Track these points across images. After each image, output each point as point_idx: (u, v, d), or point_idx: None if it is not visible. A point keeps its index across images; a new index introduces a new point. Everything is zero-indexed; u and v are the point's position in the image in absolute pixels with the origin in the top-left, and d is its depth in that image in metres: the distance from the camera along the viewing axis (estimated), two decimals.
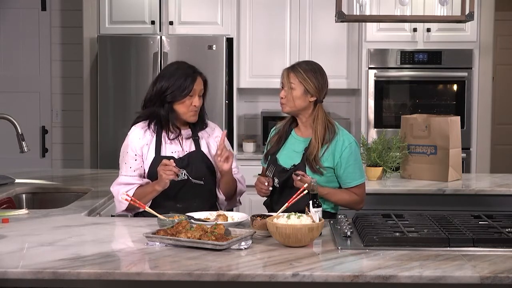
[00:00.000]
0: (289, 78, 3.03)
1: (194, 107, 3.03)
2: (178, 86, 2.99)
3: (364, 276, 2.12)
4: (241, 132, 5.87)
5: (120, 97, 5.31)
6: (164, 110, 3.03)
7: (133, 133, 3.08)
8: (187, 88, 2.99)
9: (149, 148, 3.05)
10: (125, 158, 3.07)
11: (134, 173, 3.04)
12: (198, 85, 3.03)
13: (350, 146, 3.03)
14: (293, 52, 5.49)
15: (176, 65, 3.09)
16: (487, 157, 5.46)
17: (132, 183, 3.02)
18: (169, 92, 2.99)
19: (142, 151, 3.05)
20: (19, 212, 3.02)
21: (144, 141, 3.05)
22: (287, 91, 3.03)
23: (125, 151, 3.08)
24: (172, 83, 3.00)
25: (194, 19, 5.43)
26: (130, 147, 3.06)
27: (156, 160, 3.02)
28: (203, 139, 3.13)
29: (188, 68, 3.06)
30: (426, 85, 5.41)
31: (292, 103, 3.03)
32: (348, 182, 3.04)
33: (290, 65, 3.11)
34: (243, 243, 2.41)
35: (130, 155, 3.05)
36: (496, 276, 2.11)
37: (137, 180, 3.03)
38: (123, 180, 3.05)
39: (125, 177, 3.05)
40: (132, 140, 3.06)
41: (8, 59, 6.02)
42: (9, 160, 5.47)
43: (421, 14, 5.02)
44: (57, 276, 2.13)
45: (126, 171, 3.05)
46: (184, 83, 2.99)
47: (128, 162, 3.05)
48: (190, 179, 2.99)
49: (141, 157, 3.05)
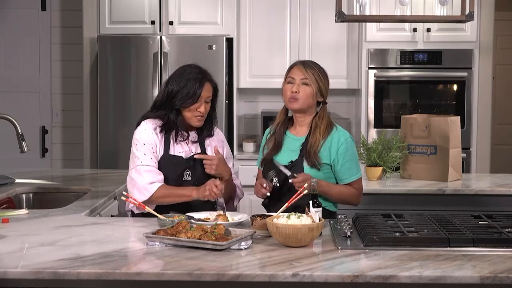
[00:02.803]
0: (305, 74, 2.99)
1: (199, 113, 3.03)
2: (186, 92, 2.99)
3: (364, 276, 2.12)
4: (241, 132, 5.86)
5: (120, 97, 5.31)
6: (173, 115, 3.03)
7: (144, 128, 3.06)
8: (194, 95, 2.99)
9: (159, 145, 3.05)
10: (143, 149, 3.01)
11: (154, 164, 3.02)
12: (206, 92, 3.03)
13: (346, 142, 3.03)
14: (293, 52, 5.49)
15: (188, 69, 3.07)
16: (487, 157, 5.46)
17: (155, 172, 2.99)
18: (178, 98, 3.00)
19: (156, 144, 3.04)
20: (19, 212, 3.02)
21: (155, 136, 3.05)
22: (301, 86, 3.00)
23: (141, 143, 3.03)
24: (181, 88, 3.00)
25: (194, 19, 5.43)
26: (145, 140, 3.03)
27: (165, 158, 3.03)
28: (208, 143, 3.15)
29: (199, 73, 3.05)
30: (426, 85, 5.41)
31: (305, 99, 3.00)
32: (346, 178, 3.04)
33: (300, 61, 3.07)
34: (243, 243, 2.41)
35: (147, 147, 3.02)
36: (496, 276, 2.11)
37: (157, 170, 3.00)
38: (145, 169, 2.98)
39: (145, 166, 2.99)
40: (145, 133, 3.04)
41: (8, 59, 6.02)
42: (9, 160, 5.46)
43: (421, 14, 5.01)
44: (57, 276, 2.13)
45: (146, 161, 3.00)
46: (192, 89, 2.99)
47: (147, 153, 3.01)
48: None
49: (156, 150, 3.04)
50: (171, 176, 3.03)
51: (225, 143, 3.25)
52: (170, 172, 3.03)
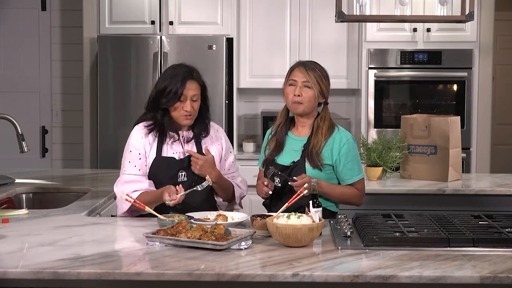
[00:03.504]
0: (307, 77, 2.99)
1: (186, 112, 2.98)
2: (169, 91, 2.96)
3: (364, 276, 2.12)
4: (241, 132, 5.86)
5: (120, 97, 5.31)
6: (160, 115, 3.02)
7: (136, 132, 3.06)
8: (176, 93, 2.95)
9: (151, 148, 3.04)
10: (128, 157, 3.04)
11: (139, 172, 3.02)
12: (190, 90, 2.98)
13: (348, 143, 3.03)
14: (293, 52, 5.49)
15: (174, 69, 3.04)
16: (487, 157, 5.46)
17: (137, 181, 2.99)
18: (164, 96, 2.97)
19: (145, 150, 3.04)
20: (19, 212, 3.02)
21: (146, 140, 3.04)
22: (303, 89, 3.00)
23: (128, 149, 3.05)
24: (166, 87, 2.97)
25: (194, 19, 5.43)
26: (133, 146, 3.04)
27: (157, 160, 3.02)
28: (204, 142, 3.11)
29: (184, 72, 3.01)
30: (426, 85, 5.41)
31: (308, 103, 3.00)
32: (348, 179, 3.04)
33: (300, 62, 3.06)
34: (243, 243, 2.41)
35: (134, 154, 3.03)
36: (496, 276, 2.11)
37: (141, 178, 3.01)
38: (127, 178, 3.02)
39: (129, 175, 3.02)
40: (135, 138, 3.04)
41: (8, 59, 6.03)
42: (9, 160, 5.46)
43: (421, 14, 5.02)
44: (57, 276, 2.13)
45: (130, 170, 3.03)
46: (174, 87, 2.96)
47: (132, 160, 3.03)
48: (198, 188, 2.94)
49: (145, 155, 3.04)
50: (164, 178, 3.00)
51: (224, 141, 3.20)
52: (163, 174, 3.01)
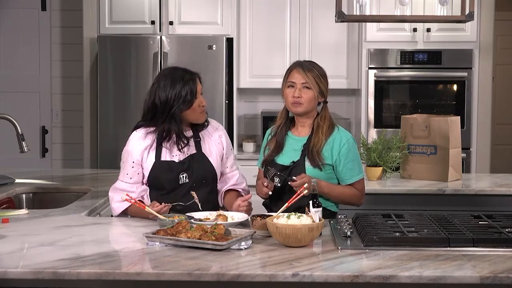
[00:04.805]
0: (305, 78, 2.99)
1: (203, 107, 3.01)
2: (185, 93, 2.94)
3: (364, 276, 2.12)
4: (241, 132, 5.86)
5: (120, 97, 5.31)
6: (175, 125, 2.96)
7: (133, 139, 3.04)
8: (193, 92, 2.95)
9: (149, 152, 3.01)
10: (123, 164, 3.05)
11: (130, 180, 3.02)
12: (199, 85, 3.01)
13: (348, 143, 3.03)
14: (293, 52, 5.49)
15: (171, 75, 2.99)
16: (487, 157, 5.46)
17: (127, 189, 2.99)
18: (179, 102, 2.94)
19: (142, 156, 3.01)
20: (19, 212, 3.02)
21: (144, 145, 3.01)
22: (303, 90, 3.01)
23: (124, 156, 3.05)
24: (179, 93, 2.94)
25: (194, 19, 5.43)
26: (129, 153, 3.02)
27: (156, 165, 2.99)
28: (204, 141, 3.10)
29: (184, 73, 3.00)
30: (426, 85, 5.41)
31: (308, 103, 3.01)
32: (348, 179, 3.04)
33: (298, 63, 3.06)
34: (243, 243, 2.41)
35: (128, 162, 3.02)
36: (496, 276, 2.11)
37: (130, 188, 3.00)
38: (120, 186, 3.04)
39: (122, 183, 3.03)
40: (132, 146, 3.02)
41: (8, 59, 6.03)
42: (9, 160, 5.47)
43: (421, 14, 5.02)
44: (57, 276, 2.13)
45: (123, 177, 3.04)
46: (189, 88, 2.95)
47: (125, 168, 3.03)
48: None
49: (140, 162, 3.02)
50: (165, 182, 2.99)
51: (224, 138, 3.17)
52: (164, 178, 2.99)
